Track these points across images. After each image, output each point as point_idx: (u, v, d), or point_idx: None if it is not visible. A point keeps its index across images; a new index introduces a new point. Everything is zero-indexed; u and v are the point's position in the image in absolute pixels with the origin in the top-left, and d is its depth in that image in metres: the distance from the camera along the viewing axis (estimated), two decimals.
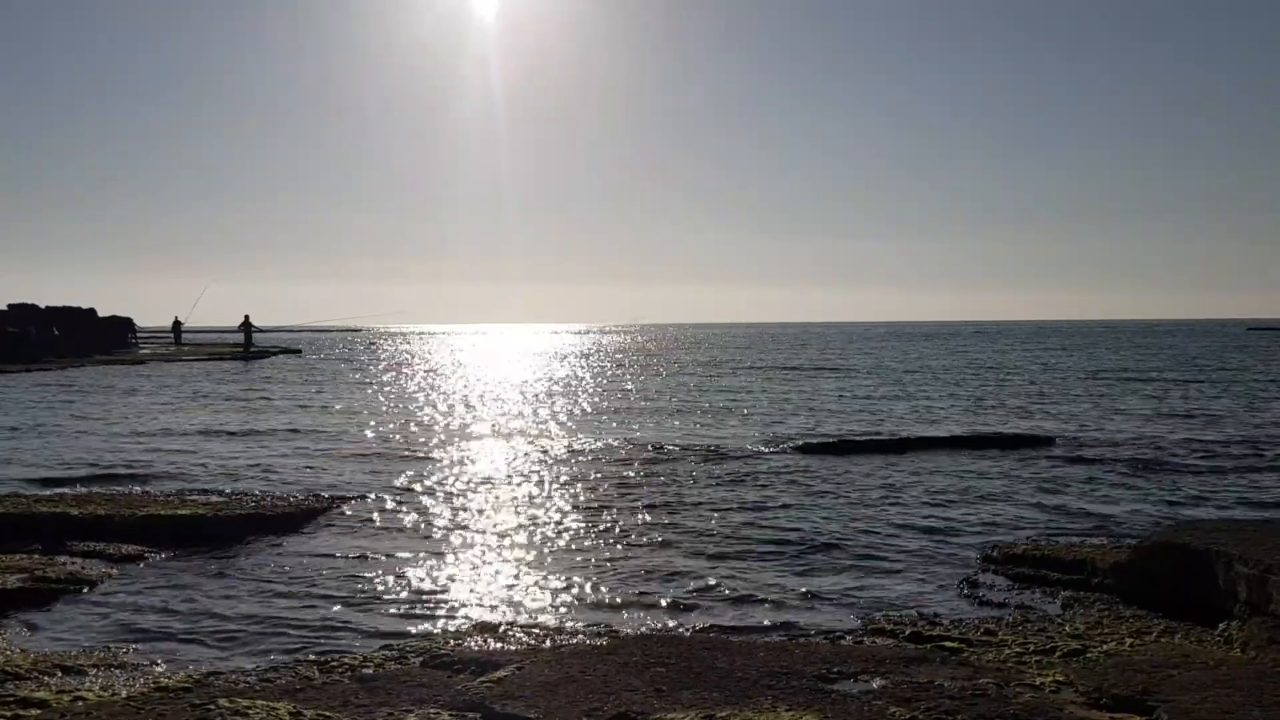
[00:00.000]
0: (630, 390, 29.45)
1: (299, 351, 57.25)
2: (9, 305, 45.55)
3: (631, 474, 13.09)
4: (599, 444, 16.29)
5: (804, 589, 7.49)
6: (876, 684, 4.99)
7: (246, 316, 49.17)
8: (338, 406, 23.67)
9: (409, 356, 59.44)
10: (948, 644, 5.81)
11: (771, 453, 15.13)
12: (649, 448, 15.70)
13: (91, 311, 49.25)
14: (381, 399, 26.37)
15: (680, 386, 30.72)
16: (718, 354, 58.92)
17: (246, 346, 49.31)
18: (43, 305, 46.57)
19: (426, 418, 21.16)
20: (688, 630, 6.47)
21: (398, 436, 17.63)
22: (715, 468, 13.62)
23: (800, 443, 15.85)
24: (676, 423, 19.67)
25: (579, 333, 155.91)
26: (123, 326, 52.32)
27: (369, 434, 17.98)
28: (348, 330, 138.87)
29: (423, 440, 17.05)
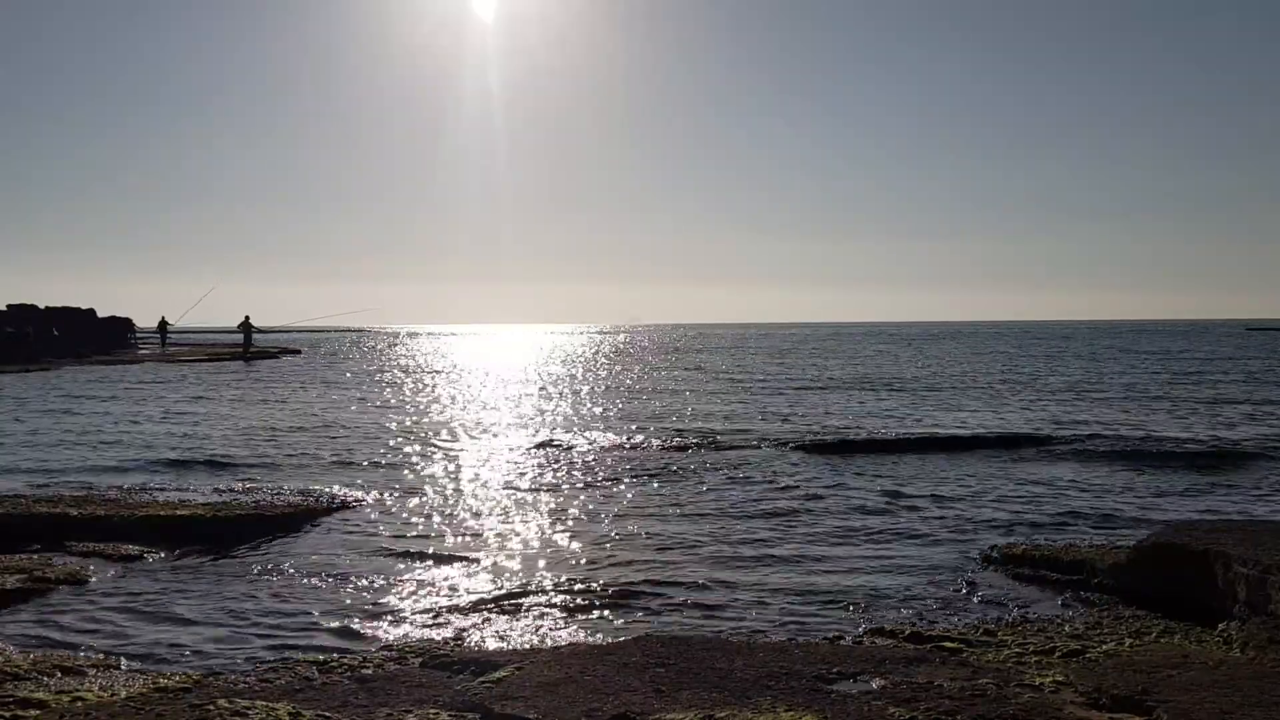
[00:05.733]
0: (627, 392, 29.44)
1: (299, 352, 57.28)
2: (9, 305, 45.53)
3: (629, 475, 13.09)
4: (597, 445, 16.29)
5: (803, 589, 7.49)
6: (876, 684, 4.99)
7: (246, 317, 48.77)
8: (336, 408, 23.67)
9: (407, 357, 59.43)
10: (947, 644, 5.81)
11: (770, 453, 15.13)
12: (646, 449, 15.70)
13: (91, 312, 49.27)
14: (379, 400, 26.36)
15: (677, 386, 30.71)
16: (717, 355, 58.91)
17: (246, 347, 49.13)
18: (42, 305, 46.59)
19: (425, 419, 21.16)
20: (687, 630, 6.47)
21: (397, 438, 17.62)
22: (713, 468, 13.61)
23: (799, 443, 15.84)
24: (673, 423, 19.66)
25: (578, 333, 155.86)
26: (122, 327, 52.36)
27: (368, 434, 17.97)
28: (345, 330, 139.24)
29: (422, 441, 17.05)
